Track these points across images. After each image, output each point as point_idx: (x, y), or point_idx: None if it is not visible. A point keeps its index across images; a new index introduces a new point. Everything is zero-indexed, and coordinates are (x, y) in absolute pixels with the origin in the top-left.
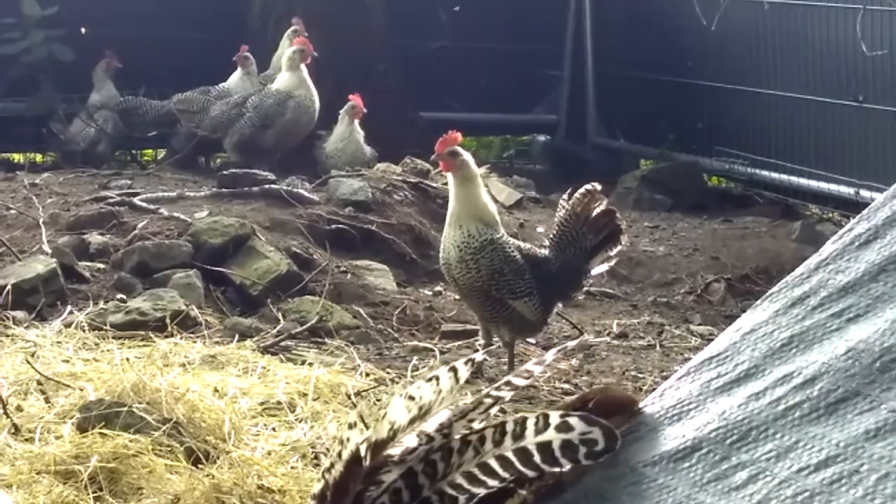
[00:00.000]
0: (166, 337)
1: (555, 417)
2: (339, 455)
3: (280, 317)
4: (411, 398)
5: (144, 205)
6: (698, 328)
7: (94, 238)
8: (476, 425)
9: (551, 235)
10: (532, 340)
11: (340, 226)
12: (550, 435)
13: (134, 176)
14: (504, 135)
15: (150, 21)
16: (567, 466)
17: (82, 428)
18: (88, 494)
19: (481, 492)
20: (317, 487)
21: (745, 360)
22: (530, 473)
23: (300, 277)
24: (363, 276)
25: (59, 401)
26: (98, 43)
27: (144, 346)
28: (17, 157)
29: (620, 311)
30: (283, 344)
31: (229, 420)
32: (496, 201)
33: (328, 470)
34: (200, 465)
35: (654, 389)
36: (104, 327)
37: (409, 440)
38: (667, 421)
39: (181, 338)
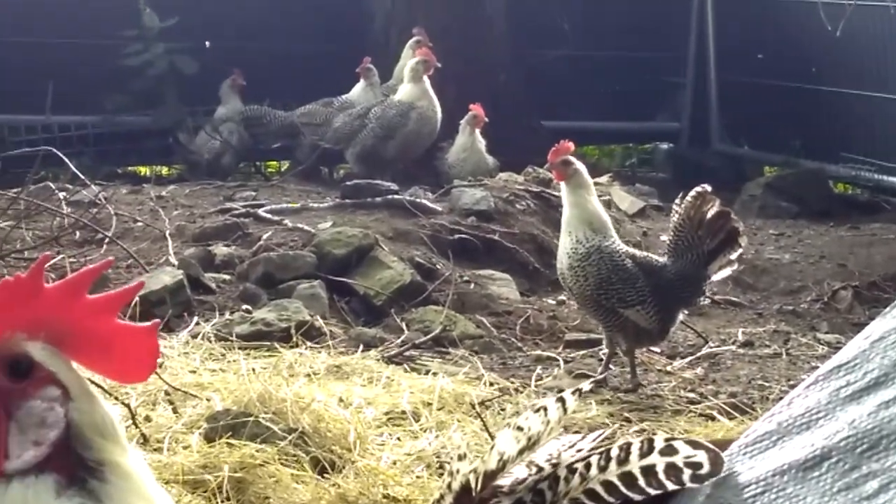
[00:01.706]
0: (291, 347)
1: (659, 441)
2: (449, 486)
3: (404, 327)
4: (519, 429)
5: (269, 216)
6: (825, 336)
7: (220, 249)
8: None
9: (667, 241)
10: (656, 349)
11: (463, 235)
12: (654, 458)
13: (258, 187)
14: (626, 143)
15: (273, 33)
16: (671, 488)
17: (210, 438)
18: None
19: None
20: None
21: (875, 368)
22: (636, 497)
23: (423, 287)
24: (486, 285)
25: (186, 411)
26: (221, 55)
27: (270, 356)
28: (144, 170)
29: (746, 319)
30: (407, 354)
31: (354, 430)
32: (619, 209)
33: (439, 501)
34: (326, 475)
35: (780, 398)
36: (230, 338)
37: (519, 471)
38: (795, 430)
39: (306, 348)
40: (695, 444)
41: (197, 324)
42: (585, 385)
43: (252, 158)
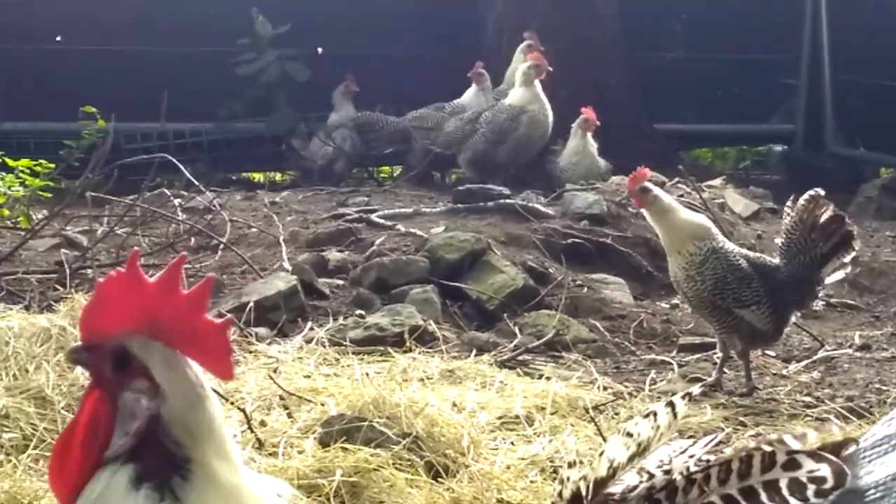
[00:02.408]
0: (405, 352)
1: (781, 455)
2: (560, 495)
3: (517, 331)
4: (629, 435)
5: (381, 221)
6: None
7: (333, 255)
8: (697, 458)
9: (780, 244)
10: (772, 353)
11: (576, 239)
12: (777, 473)
13: (371, 193)
14: (740, 145)
15: (385, 39)
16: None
17: (324, 442)
18: None
19: None
20: None
21: None
22: None
23: (536, 291)
24: (599, 289)
25: (301, 416)
26: (333, 62)
27: (383, 361)
28: (257, 177)
29: (862, 322)
30: (520, 358)
31: (468, 434)
32: (733, 212)
33: None
34: (440, 479)
35: None
36: (344, 343)
37: (630, 478)
38: None
39: (419, 352)
40: (818, 458)
41: (311, 329)
42: (696, 389)
43: (365, 164)
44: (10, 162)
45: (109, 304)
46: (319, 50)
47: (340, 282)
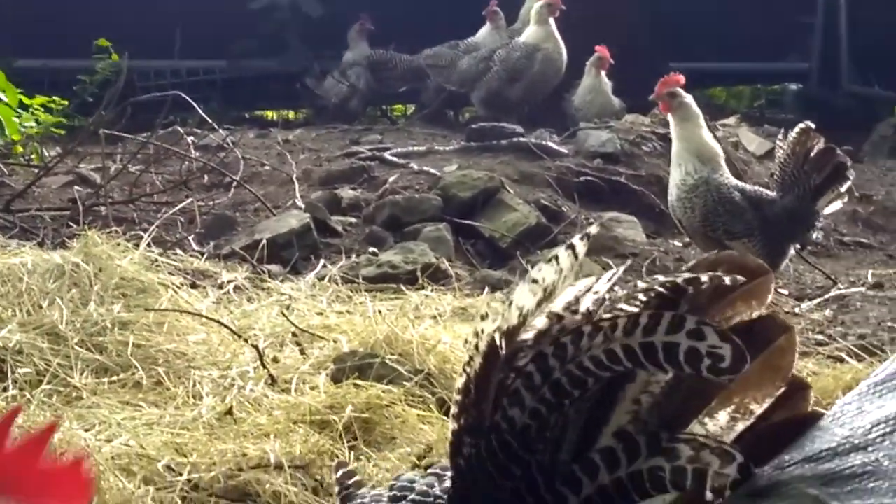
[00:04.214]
0: (417, 289)
1: (691, 322)
2: (477, 347)
3: (529, 269)
4: (535, 281)
5: (395, 159)
6: None
7: (346, 192)
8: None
9: (774, 176)
10: (784, 290)
11: (589, 178)
12: (680, 338)
13: (384, 131)
14: (754, 84)
15: None
16: (687, 372)
17: (336, 379)
18: (343, 444)
19: (606, 375)
20: (460, 382)
21: None
22: (651, 369)
23: (549, 230)
24: (612, 227)
25: (313, 352)
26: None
27: (396, 298)
28: (271, 115)
29: (876, 260)
30: None
31: None
32: (747, 151)
33: (468, 363)
34: None
35: None
36: (356, 280)
37: (540, 322)
38: None
39: (432, 290)
40: (724, 337)
41: (324, 266)
42: (592, 229)
43: (378, 102)
44: (25, 99)
45: None
46: None
47: (353, 220)
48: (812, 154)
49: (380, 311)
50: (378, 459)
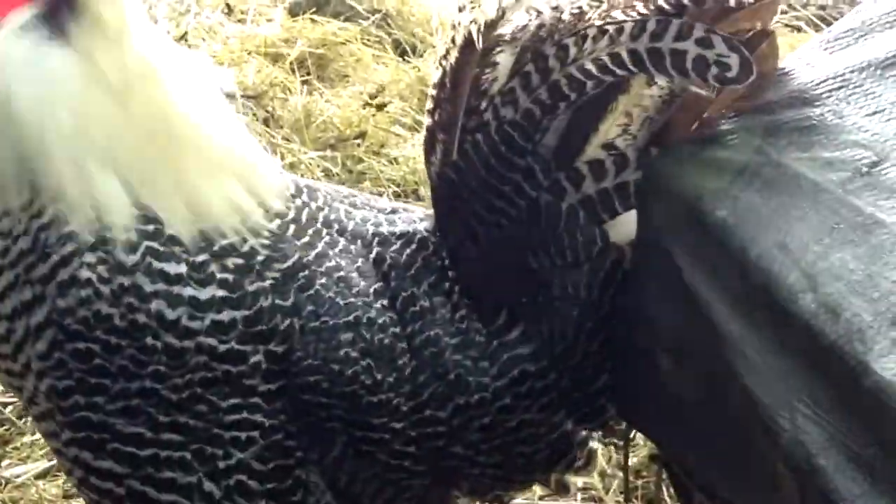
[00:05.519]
0: None
1: (699, 30)
2: (454, 41)
3: None
4: None
5: None
6: None
7: None
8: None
9: None
10: None
11: None
12: (688, 45)
13: None
14: None
15: None
16: (694, 79)
17: (293, 13)
18: (296, 77)
19: (608, 80)
20: (436, 76)
21: None
22: (656, 76)
23: None
24: None
25: None
26: None
27: None
28: None
29: None
30: None
31: (437, 15)
32: None
33: (444, 57)
34: (407, 58)
35: None
36: None
37: (519, 17)
38: (878, 28)
39: None
40: (733, 47)
41: None
42: None
43: None
44: None
45: None
46: None
47: None
48: None
49: None
50: (330, 95)
